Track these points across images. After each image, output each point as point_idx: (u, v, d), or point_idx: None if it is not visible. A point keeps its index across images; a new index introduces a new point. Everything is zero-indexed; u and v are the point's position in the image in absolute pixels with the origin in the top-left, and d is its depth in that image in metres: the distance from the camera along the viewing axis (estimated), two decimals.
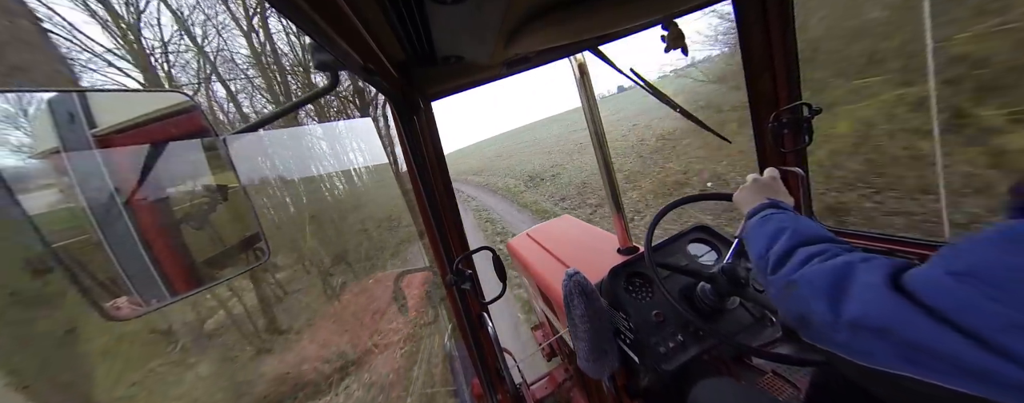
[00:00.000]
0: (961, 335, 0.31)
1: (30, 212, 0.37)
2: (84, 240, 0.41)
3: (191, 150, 0.52)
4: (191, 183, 0.52)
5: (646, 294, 1.13)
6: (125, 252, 0.43)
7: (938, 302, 0.33)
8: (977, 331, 0.30)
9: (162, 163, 0.47)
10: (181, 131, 0.50)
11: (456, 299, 1.17)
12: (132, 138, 0.46)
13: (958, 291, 0.33)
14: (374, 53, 0.64)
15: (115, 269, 0.42)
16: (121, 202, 0.43)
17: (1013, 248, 0.31)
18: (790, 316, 0.51)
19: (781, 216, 0.67)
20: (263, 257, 0.57)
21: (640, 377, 1.08)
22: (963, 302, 0.32)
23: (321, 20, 0.43)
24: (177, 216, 0.50)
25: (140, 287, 0.44)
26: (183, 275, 0.50)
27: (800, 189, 1.23)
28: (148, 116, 0.47)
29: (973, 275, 0.32)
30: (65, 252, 0.39)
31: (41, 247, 0.37)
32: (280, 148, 7.89)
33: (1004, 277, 0.31)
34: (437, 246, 1.04)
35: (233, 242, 0.56)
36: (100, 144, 0.43)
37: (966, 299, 0.32)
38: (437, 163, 1.20)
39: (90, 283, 0.41)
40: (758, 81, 1.16)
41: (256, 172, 6.70)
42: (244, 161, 2.82)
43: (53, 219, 0.40)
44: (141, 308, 0.45)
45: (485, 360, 1.22)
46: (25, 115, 0.38)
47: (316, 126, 9.34)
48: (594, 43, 1.07)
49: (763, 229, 0.65)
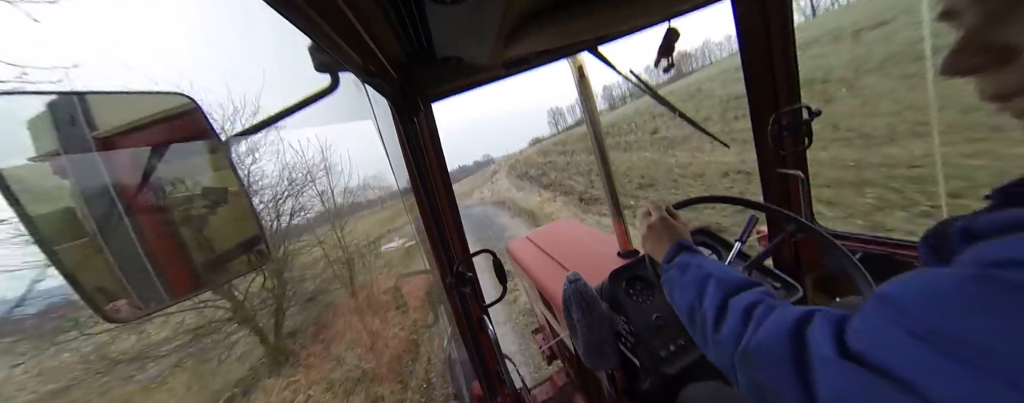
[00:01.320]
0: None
1: (30, 214, 0.37)
2: (84, 242, 0.41)
3: (192, 152, 0.51)
4: (192, 185, 0.52)
5: (647, 297, 1.13)
6: (125, 254, 0.43)
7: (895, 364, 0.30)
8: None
9: (163, 165, 0.47)
10: (182, 133, 0.50)
11: (456, 302, 1.17)
12: (133, 140, 0.46)
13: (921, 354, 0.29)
14: (374, 54, 0.64)
15: (115, 272, 0.42)
16: (122, 204, 0.43)
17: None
18: (747, 388, 0.46)
19: (697, 261, 0.66)
20: (264, 259, 0.57)
21: (641, 380, 1.08)
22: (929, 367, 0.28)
23: (321, 21, 0.44)
24: (177, 218, 0.50)
25: (140, 290, 0.44)
26: (183, 277, 0.50)
27: (800, 191, 1.23)
28: (149, 118, 0.47)
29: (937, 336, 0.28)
30: (65, 254, 0.39)
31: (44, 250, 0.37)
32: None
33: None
34: (437, 248, 1.04)
35: (233, 244, 0.56)
36: (101, 146, 0.43)
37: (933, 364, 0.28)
38: (437, 164, 1.20)
39: (90, 285, 0.41)
40: (757, 83, 1.16)
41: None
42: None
43: (53, 221, 0.40)
44: (141, 310, 0.45)
45: (485, 363, 1.22)
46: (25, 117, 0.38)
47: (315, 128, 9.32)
48: (593, 44, 1.07)
49: (685, 279, 0.63)
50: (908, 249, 1.05)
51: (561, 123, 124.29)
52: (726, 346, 0.49)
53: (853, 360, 0.33)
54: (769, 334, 0.43)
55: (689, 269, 0.65)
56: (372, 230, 11.22)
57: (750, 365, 0.45)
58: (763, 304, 0.49)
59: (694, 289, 0.60)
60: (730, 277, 0.58)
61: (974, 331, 0.26)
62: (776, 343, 0.41)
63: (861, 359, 0.32)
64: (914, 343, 0.29)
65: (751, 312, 0.48)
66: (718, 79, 16.31)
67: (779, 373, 0.40)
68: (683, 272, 0.65)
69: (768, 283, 1.06)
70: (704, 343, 0.56)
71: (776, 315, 0.45)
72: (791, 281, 1.07)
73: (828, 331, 0.36)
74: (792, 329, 0.41)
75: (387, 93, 0.78)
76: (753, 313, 0.48)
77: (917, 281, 0.32)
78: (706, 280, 0.59)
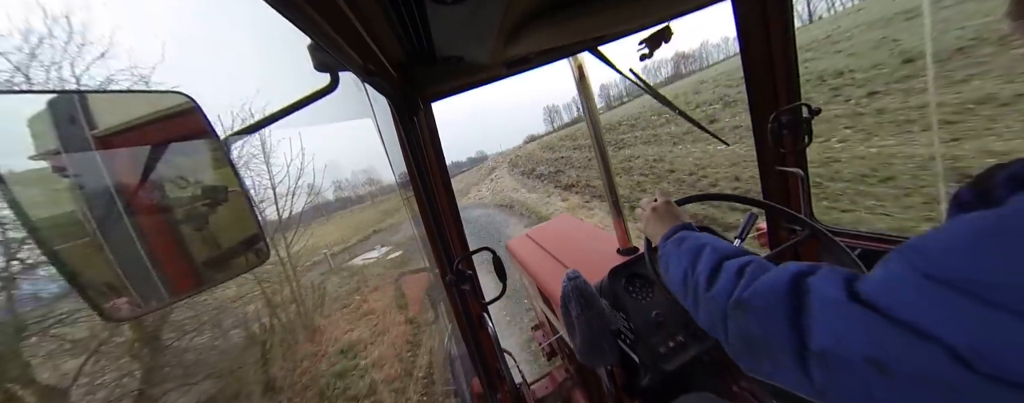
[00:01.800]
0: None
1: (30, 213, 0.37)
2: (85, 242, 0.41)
3: (191, 151, 0.51)
4: (191, 184, 0.52)
5: (646, 294, 1.13)
6: (125, 253, 0.43)
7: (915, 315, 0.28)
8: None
9: (163, 164, 0.47)
10: (182, 132, 0.50)
11: (456, 299, 1.17)
12: (133, 139, 0.46)
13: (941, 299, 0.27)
14: (374, 53, 0.64)
15: (115, 270, 0.42)
16: (121, 203, 0.43)
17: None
18: (737, 342, 0.45)
19: (695, 235, 0.66)
20: (263, 257, 0.57)
21: (640, 377, 1.08)
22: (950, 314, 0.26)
23: (321, 20, 0.44)
24: (177, 217, 0.50)
25: (140, 288, 0.44)
26: (183, 276, 0.50)
27: (800, 189, 1.23)
28: (149, 117, 0.47)
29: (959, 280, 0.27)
30: (65, 253, 0.39)
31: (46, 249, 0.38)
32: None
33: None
34: (437, 246, 1.05)
35: (233, 243, 0.56)
36: (101, 145, 0.43)
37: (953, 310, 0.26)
38: (437, 163, 1.20)
39: (90, 284, 0.41)
40: (757, 81, 1.16)
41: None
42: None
43: (53, 220, 0.40)
44: (141, 309, 0.45)
45: (485, 360, 1.22)
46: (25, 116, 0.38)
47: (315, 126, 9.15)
48: (593, 43, 1.07)
49: (680, 249, 0.63)
50: None
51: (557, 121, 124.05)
52: (718, 300, 0.48)
53: (860, 303, 0.32)
54: (765, 284, 0.42)
55: (685, 241, 0.65)
56: (348, 234, 8.72)
57: (742, 315, 0.44)
58: (756, 263, 0.48)
59: (689, 257, 0.59)
60: (725, 246, 0.58)
61: (1007, 270, 0.24)
62: (772, 291, 0.40)
63: (869, 301, 0.31)
64: (931, 286, 0.28)
65: (744, 269, 0.47)
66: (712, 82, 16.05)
67: (771, 319, 0.39)
68: (679, 245, 0.65)
69: None
70: (694, 304, 0.55)
71: (774, 270, 0.44)
72: None
73: (837, 278, 0.36)
74: (792, 277, 0.40)
75: (387, 92, 0.78)
76: (746, 270, 0.47)
77: (948, 226, 0.30)
78: (701, 248, 0.59)
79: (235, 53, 48.64)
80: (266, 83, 5.31)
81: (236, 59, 33.81)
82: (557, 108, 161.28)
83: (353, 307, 5.53)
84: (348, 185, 10.62)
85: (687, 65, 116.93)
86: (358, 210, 11.26)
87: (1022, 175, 0.33)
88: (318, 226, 6.39)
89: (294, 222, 5.84)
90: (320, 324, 4.84)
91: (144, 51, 5.45)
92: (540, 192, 13.21)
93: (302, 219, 6.04)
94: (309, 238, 5.96)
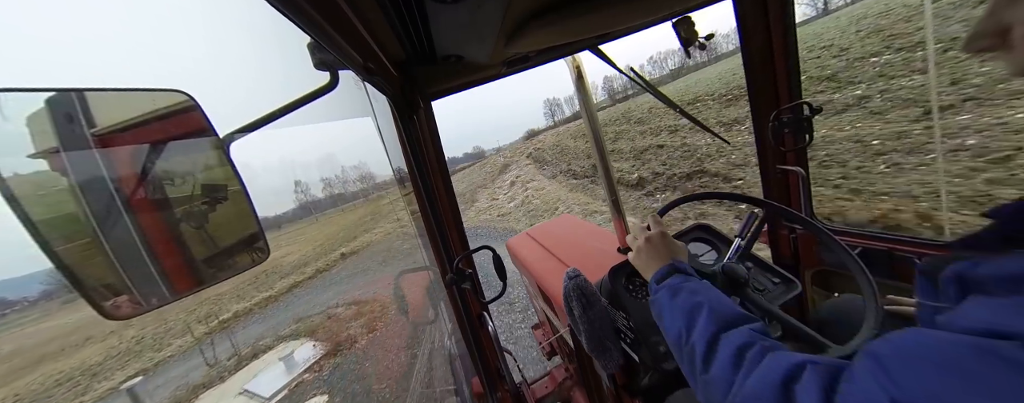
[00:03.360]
0: None
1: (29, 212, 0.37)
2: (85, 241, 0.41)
3: (191, 149, 0.51)
4: (191, 182, 0.51)
5: (646, 293, 1.13)
6: (125, 252, 0.43)
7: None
8: None
9: (162, 162, 0.47)
10: (181, 130, 0.50)
11: (456, 298, 1.17)
12: (132, 137, 0.46)
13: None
14: (374, 52, 0.64)
15: (115, 269, 0.42)
16: (121, 202, 0.43)
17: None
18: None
19: (690, 286, 0.65)
20: (263, 256, 0.57)
21: (640, 376, 1.08)
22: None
23: (321, 19, 0.43)
24: (177, 215, 0.50)
25: (140, 286, 0.44)
26: (183, 274, 0.50)
27: (800, 188, 1.23)
28: (148, 115, 0.47)
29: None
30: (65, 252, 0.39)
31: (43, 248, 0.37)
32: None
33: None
34: (437, 245, 1.05)
35: (233, 241, 0.56)
36: (99, 143, 0.43)
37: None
38: (437, 162, 1.20)
39: (90, 283, 0.41)
40: (759, 80, 1.16)
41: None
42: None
43: (52, 219, 0.40)
44: (141, 307, 0.45)
45: (485, 359, 1.22)
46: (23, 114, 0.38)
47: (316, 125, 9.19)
48: (594, 43, 1.07)
49: (675, 303, 0.62)
50: (908, 245, 1.05)
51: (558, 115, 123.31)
52: (717, 387, 0.49)
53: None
54: (758, 385, 0.44)
55: (680, 294, 0.63)
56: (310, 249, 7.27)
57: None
58: (755, 347, 0.48)
59: (683, 317, 0.59)
60: (722, 309, 0.57)
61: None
62: (764, 397, 0.42)
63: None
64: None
65: (743, 354, 0.48)
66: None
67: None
68: (673, 296, 0.64)
69: (767, 278, 1.06)
70: (692, 377, 0.56)
71: (767, 364, 0.45)
72: (790, 276, 1.07)
73: (817, 387, 0.37)
74: (781, 382, 0.41)
75: (387, 91, 0.78)
76: (745, 356, 0.48)
77: (911, 343, 0.31)
78: (697, 309, 0.58)
79: (235, 52, 48.50)
80: (266, 81, 5.32)
81: (236, 57, 33.84)
82: (558, 101, 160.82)
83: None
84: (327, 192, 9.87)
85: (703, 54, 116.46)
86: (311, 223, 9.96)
87: (968, 277, 0.34)
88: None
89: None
90: None
91: (145, 49, 5.44)
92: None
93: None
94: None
